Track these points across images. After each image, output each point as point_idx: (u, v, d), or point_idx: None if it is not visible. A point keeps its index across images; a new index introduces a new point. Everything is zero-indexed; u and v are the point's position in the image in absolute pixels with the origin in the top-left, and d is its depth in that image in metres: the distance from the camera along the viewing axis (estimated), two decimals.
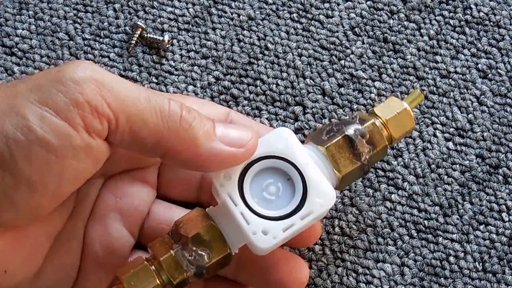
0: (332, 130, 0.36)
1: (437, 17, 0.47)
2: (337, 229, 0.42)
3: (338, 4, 0.47)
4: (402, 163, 0.43)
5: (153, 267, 0.33)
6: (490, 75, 0.45)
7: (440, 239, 0.42)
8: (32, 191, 0.29)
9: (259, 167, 0.34)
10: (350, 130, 0.35)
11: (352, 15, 0.47)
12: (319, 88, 0.45)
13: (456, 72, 0.45)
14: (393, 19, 0.47)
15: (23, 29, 0.46)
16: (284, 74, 0.45)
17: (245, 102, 0.44)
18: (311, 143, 0.36)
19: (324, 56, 0.46)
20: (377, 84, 0.45)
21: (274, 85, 0.45)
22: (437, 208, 0.42)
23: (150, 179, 0.38)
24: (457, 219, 0.42)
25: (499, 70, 0.46)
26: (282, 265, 0.36)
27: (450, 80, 0.45)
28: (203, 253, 0.33)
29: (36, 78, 0.30)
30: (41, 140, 0.28)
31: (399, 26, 0.47)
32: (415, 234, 0.42)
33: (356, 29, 0.46)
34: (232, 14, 0.47)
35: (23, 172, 0.28)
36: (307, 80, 0.45)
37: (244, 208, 0.33)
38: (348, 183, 0.36)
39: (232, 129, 0.33)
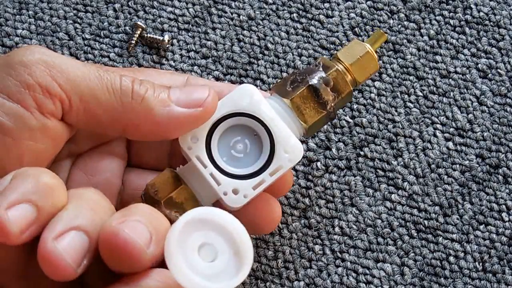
0: (296, 80, 0.35)
1: (437, 17, 0.47)
2: (337, 229, 0.42)
3: (338, 4, 0.47)
4: (402, 163, 0.43)
5: None
6: (490, 75, 0.45)
7: (440, 239, 0.42)
8: None
9: (225, 125, 0.34)
10: (314, 80, 0.35)
11: (352, 15, 0.47)
12: None
13: (456, 72, 0.45)
14: (393, 19, 0.47)
15: (23, 29, 0.46)
16: (284, 74, 0.45)
17: None
18: (276, 94, 0.36)
19: (324, 56, 0.46)
20: (377, 84, 0.45)
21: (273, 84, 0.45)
22: (437, 208, 0.42)
23: (118, 151, 0.38)
24: (457, 219, 0.42)
25: (499, 70, 0.46)
26: (253, 206, 0.36)
27: (450, 80, 0.45)
28: (177, 215, 0.33)
29: None
30: None
31: (399, 26, 0.47)
32: (415, 234, 0.42)
33: (356, 29, 0.46)
34: (232, 14, 0.47)
35: None
36: None
37: (213, 169, 0.33)
38: (316, 130, 0.36)
39: (187, 90, 0.33)
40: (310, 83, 0.35)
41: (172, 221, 0.33)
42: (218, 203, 0.35)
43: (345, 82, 0.36)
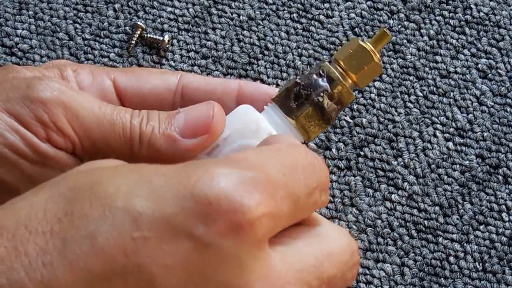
0: (300, 95, 0.35)
1: (437, 17, 0.47)
2: None
3: (338, 4, 0.47)
4: (402, 163, 0.43)
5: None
6: (490, 75, 0.45)
7: (440, 239, 0.42)
8: (8, 194, 0.30)
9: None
10: (320, 97, 0.35)
11: (352, 15, 0.47)
12: None
13: (456, 72, 0.45)
14: (393, 19, 0.47)
15: (23, 29, 0.46)
16: (284, 74, 0.45)
17: None
18: (277, 106, 0.35)
19: (324, 56, 0.46)
20: (377, 84, 0.45)
21: (274, 85, 0.45)
22: (437, 208, 0.42)
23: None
24: (457, 219, 0.42)
25: (499, 70, 0.46)
26: None
27: (450, 80, 0.45)
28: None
29: (6, 88, 0.31)
30: (12, 144, 0.29)
31: (399, 26, 0.47)
32: (415, 234, 0.42)
33: (356, 29, 0.46)
34: (232, 14, 0.47)
35: None
36: None
37: None
38: (314, 137, 0.37)
39: (192, 116, 0.32)
40: (315, 101, 0.35)
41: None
42: None
43: (349, 93, 0.35)
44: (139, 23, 0.45)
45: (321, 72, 0.35)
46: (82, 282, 0.20)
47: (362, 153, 0.43)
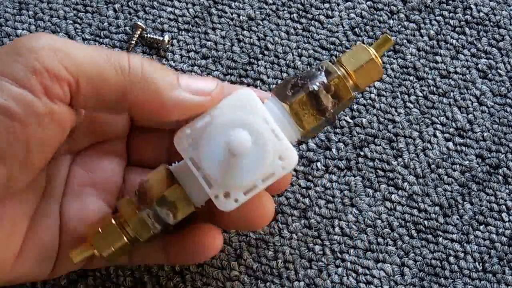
0: (297, 84, 0.35)
1: (437, 17, 0.47)
2: (337, 229, 0.42)
3: (338, 4, 0.47)
4: (402, 163, 0.43)
5: (120, 226, 0.34)
6: (490, 75, 0.45)
7: (440, 239, 0.42)
8: (1, 162, 0.29)
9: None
10: (315, 86, 0.35)
11: (352, 15, 0.47)
12: None
13: (456, 72, 0.45)
14: (393, 19, 0.47)
15: (23, 29, 0.46)
16: (284, 74, 0.45)
17: None
18: (275, 97, 0.35)
19: (324, 56, 0.46)
20: (377, 84, 0.45)
21: (274, 85, 0.45)
22: (437, 208, 0.42)
23: (118, 149, 0.38)
24: (457, 219, 0.42)
25: (499, 70, 0.46)
26: (246, 202, 0.36)
27: (450, 80, 0.45)
28: (170, 213, 0.34)
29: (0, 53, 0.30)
30: (3, 108, 0.29)
31: (399, 26, 0.47)
32: (415, 234, 0.42)
33: (356, 29, 0.46)
34: (232, 14, 0.47)
35: None
36: None
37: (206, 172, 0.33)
38: (314, 134, 0.36)
39: (196, 78, 0.33)
40: (310, 89, 0.35)
41: (163, 220, 0.33)
42: (211, 202, 0.35)
43: (347, 88, 0.35)
44: (139, 23, 0.45)
45: (320, 67, 0.36)
46: None
47: (362, 153, 0.43)
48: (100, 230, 0.34)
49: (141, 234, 0.34)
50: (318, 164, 0.43)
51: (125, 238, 0.34)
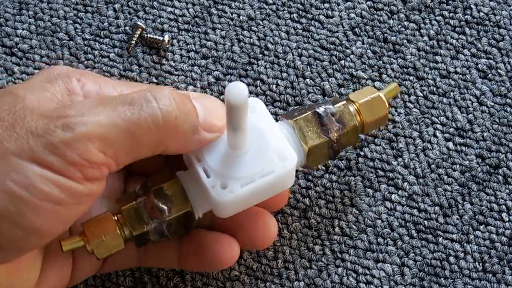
0: (304, 108, 0.37)
1: (437, 17, 0.47)
2: (337, 229, 0.42)
3: (338, 4, 0.47)
4: (402, 163, 0.43)
5: (115, 217, 0.34)
6: (490, 75, 0.45)
7: (440, 239, 0.42)
8: (41, 238, 0.30)
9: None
10: (321, 108, 0.37)
11: (352, 15, 0.47)
12: (319, 88, 0.45)
13: (456, 72, 0.45)
14: (393, 19, 0.47)
15: (23, 29, 0.46)
16: (284, 74, 0.45)
17: None
18: (283, 119, 0.37)
19: (324, 56, 0.46)
20: (377, 84, 0.45)
21: (274, 85, 0.45)
22: (437, 208, 0.42)
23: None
24: (457, 219, 0.42)
25: (499, 70, 0.46)
26: (248, 221, 0.37)
27: (450, 80, 0.45)
28: (164, 207, 0.34)
29: (22, 134, 0.29)
30: (48, 195, 0.29)
31: (399, 26, 0.47)
32: (415, 234, 0.42)
33: (356, 29, 0.46)
34: (232, 14, 0.47)
35: (33, 224, 0.29)
36: (307, 80, 0.45)
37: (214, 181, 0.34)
38: (318, 161, 0.37)
39: (209, 112, 0.33)
40: (315, 109, 0.37)
41: (158, 212, 0.33)
42: (211, 214, 0.36)
43: (351, 116, 0.37)
44: (139, 23, 0.45)
45: (327, 100, 0.38)
46: None
47: (362, 153, 0.43)
48: (94, 217, 0.35)
49: (134, 226, 0.34)
50: None
51: (117, 229, 0.34)
